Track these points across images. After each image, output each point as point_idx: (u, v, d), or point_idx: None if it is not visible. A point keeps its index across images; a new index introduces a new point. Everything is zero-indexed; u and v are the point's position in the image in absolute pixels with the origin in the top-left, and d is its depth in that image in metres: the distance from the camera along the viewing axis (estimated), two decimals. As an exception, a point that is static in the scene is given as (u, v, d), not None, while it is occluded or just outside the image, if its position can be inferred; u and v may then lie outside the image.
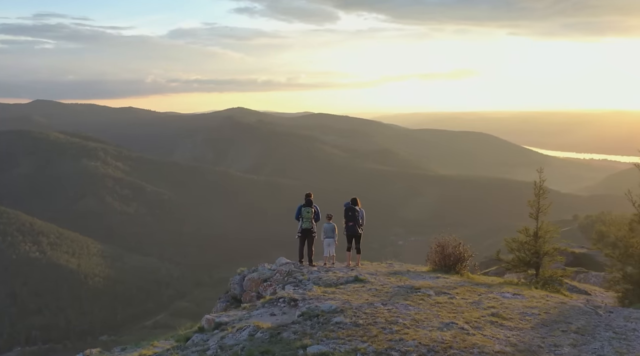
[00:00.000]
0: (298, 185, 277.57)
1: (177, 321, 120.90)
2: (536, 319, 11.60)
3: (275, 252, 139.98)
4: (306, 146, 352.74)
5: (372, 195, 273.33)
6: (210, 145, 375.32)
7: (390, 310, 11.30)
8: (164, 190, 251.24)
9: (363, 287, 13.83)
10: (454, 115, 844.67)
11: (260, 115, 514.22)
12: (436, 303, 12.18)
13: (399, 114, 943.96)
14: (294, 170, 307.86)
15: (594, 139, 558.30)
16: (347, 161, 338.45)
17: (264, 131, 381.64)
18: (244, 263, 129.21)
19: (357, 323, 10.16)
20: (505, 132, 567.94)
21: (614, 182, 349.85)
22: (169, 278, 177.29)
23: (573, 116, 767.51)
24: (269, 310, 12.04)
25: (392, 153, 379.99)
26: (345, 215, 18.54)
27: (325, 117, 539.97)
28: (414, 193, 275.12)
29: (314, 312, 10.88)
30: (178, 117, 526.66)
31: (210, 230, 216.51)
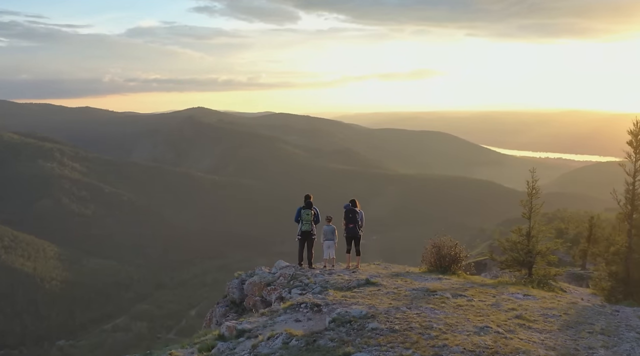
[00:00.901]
0: (260, 186, 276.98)
1: (138, 325, 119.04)
2: (559, 321, 11.42)
3: (238, 252, 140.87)
4: (268, 146, 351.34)
5: (333, 195, 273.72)
6: (170, 145, 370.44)
7: (419, 314, 10.95)
8: (123, 192, 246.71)
9: (379, 291, 13.48)
10: (413, 115, 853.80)
11: (221, 115, 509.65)
12: (458, 306, 11.91)
13: (360, 114, 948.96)
14: (256, 170, 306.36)
15: (550, 138, 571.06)
16: (308, 161, 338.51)
17: (226, 131, 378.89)
18: (206, 264, 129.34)
19: (393, 329, 9.82)
20: (464, 131, 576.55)
21: (569, 180, 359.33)
22: (128, 280, 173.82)
23: (529, 116, 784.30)
24: (292, 315, 11.57)
25: (353, 152, 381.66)
26: (346, 216, 18.31)
27: (287, 116, 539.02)
28: (375, 192, 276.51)
29: (345, 318, 10.46)
30: (137, 116, 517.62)
31: (171, 231, 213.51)
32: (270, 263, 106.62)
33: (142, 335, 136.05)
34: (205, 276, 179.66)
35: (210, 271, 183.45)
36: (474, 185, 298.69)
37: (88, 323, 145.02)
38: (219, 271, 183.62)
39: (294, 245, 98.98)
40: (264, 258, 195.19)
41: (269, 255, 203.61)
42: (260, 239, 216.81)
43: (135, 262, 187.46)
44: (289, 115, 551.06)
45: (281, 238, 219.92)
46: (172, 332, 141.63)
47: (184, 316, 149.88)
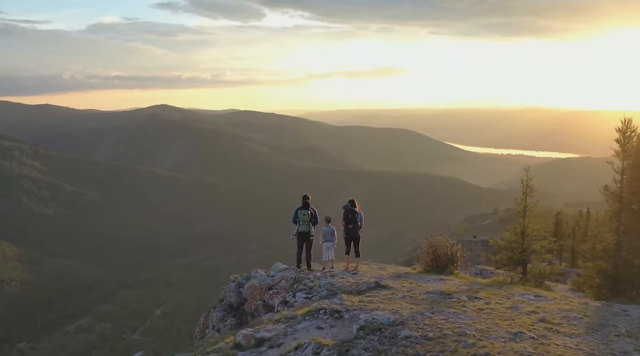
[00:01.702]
0: (225, 184, 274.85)
1: (102, 326, 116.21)
2: (582, 323, 11.16)
3: (203, 251, 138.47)
4: (232, 144, 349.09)
5: (299, 192, 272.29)
6: (133, 143, 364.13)
7: (446, 319, 10.47)
8: (85, 191, 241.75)
9: (394, 294, 12.99)
10: (378, 113, 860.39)
11: (185, 112, 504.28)
12: (480, 310, 11.53)
13: (325, 111, 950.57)
14: (221, 168, 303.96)
15: (511, 135, 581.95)
16: (273, 158, 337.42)
17: (189, 129, 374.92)
18: (171, 263, 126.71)
19: (427, 337, 9.31)
20: (428, 128, 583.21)
21: (530, 175, 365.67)
22: (91, 281, 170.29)
23: (491, 113, 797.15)
24: (313, 322, 11.00)
25: (319, 150, 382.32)
26: (345, 217, 17.81)
27: (252, 114, 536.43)
28: (340, 189, 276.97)
29: (373, 325, 9.93)
30: (98, 114, 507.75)
31: (135, 231, 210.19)
32: (236, 261, 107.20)
33: (106, 335, 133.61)
34: (170, 276, 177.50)
35: (175, 270, 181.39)
36: (438, 182, 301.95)
37: (49, 325, 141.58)
38: (184, 270, 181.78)
39: (260, 243, 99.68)
40: (230, 257, 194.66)
41: (235, 253, 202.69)
42: (225, 237, 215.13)
43: (97, 262, 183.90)
44: (254, 113, 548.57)
45: (247, 237, 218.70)
46: (137, 332, 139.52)
47: (149, 316, 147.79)
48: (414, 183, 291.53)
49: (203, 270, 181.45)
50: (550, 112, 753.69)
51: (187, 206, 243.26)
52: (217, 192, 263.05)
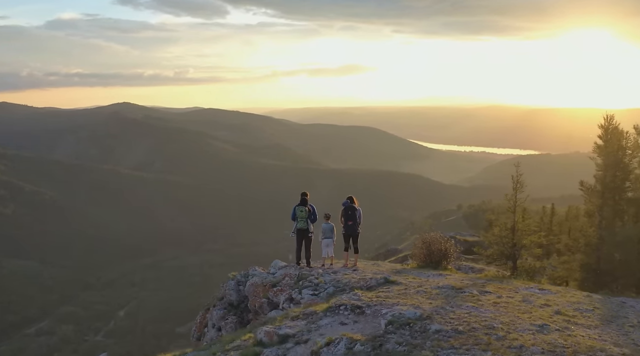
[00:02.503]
0: (189, 182, 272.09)
1: (63, 328, 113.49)
2: (595, 315, 11.23)
3: (167, 250, 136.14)
4: (197, 142, 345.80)
5: (265, 191, 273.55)
6: (94, 141, 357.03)
7: (469, 313, 10.37)
8: (45, 190, 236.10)
9: (407, 290, 12.85)
10: (343, 110, 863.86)
11: (148, 110, 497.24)
12: (495, 303, 11.48)
13: (290, 109, 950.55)
14: (185, 167, 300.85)
15: (474, 132, 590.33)
16: (239, 156, 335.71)
17: (152, 127, 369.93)
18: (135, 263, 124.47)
19: (458, 330, 9.20)
20: (392, 126, 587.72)
21: (492, 172, 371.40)
22: (52, 282, 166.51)
23: (454, 110, 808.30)
24: (335, 318, 10.78)
25: (284, 148, 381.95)
26: (345, 214, 17.78)
27: (216, 112, 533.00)
28: (306, 187, 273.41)
29: (401, 320, 9.78)
30: (58, 112, 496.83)
31: (97, 231, 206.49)
32: (201, 261, 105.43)
33: (68, 338, 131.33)
34: (134, 276, 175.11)
35: (139, 270, 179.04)
36: (402, 179, 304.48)
37: (9, 328, 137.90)
38: (148, 270, 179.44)
39: (226, 242, 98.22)
40: (195, 256, 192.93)
41: (201, 252, 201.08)
42: (190, 236, 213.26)
43: (59, 263, 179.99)
44: (218, 111, 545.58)
45: (212, 236, 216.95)
46: (100, 334, 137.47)
47: (113, 317, 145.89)
48: (379, 180, 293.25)
49: (168, 269, 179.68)
50: (512, 110, 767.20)
51: (151, 205, 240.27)
52: (181, 190, 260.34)
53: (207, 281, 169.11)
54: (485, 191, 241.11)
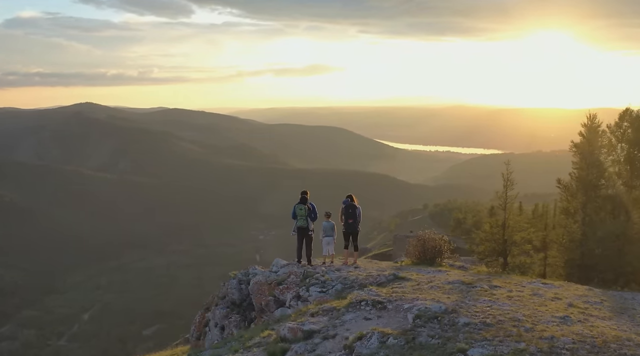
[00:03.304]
0: (155, 183, 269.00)
1: (25, 333, 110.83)
2: (605, 307, 11.51)
3: (133, 252, 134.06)
4: (162, 142, 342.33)
5: (231, 191, 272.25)
6: (57, 142, 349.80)
7: (490, 307, 10.54)
8: (5, 192, 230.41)
9: (419, 285, 12.98)
10: (309, 110, 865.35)
11: (112, 110, 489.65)
12: (509, 297, 11.65)
13: (256, 109, 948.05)
14: (150, 168, 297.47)
15: (439, 132, 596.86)
16: (204, 157, 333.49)
17: (117, 127, 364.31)
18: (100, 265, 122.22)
19: (486, 323, 9.35)
20: (358, 126, 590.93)
21: (457, 171, 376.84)
22: (13, 286, 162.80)
23: (420, 110, 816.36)
24: (358, 314, 10.85)
25: (250, 148, 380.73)
26: (345, 212, 17.94)
27: (181, 112, 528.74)
28: (273, 187, 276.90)
29: (427, 314, 9.91)
30: (18, 112, 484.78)
31: (61, 233, 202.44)
32: (167, 262, 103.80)
33: (30, 343, 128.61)
34: (99, 278, 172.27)
35: (104, 273, 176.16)
36: (369, 179, 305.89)
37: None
38: (114, 272, 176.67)
39: (192, 242, 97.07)
40: (161, 258, 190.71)
41: (166, 253, 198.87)
42: (156, 238, 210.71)
43: (20, 266, 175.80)
44: (183, 111, 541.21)
45: (178, 236, 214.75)
46: (63, 338, 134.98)
47: (77, 321, 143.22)
48: (346, 180, 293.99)
49: (133, 271, 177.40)
50: (476, 110, 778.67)
51: (116, 206, 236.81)
52: (147, 191, 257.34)
53: (174, 282, 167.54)
54: (450, 190, 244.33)
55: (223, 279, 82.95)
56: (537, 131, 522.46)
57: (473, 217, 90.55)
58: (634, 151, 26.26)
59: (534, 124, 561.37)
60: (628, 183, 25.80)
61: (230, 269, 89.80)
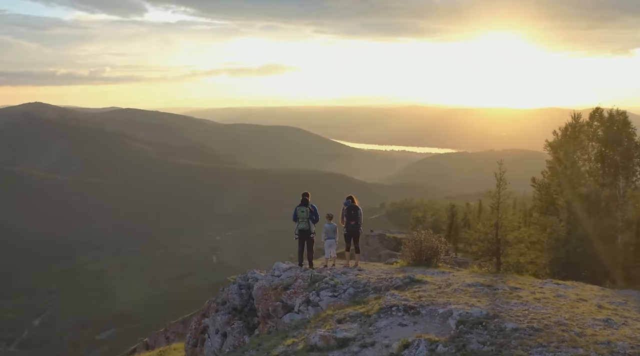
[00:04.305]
0: (108, 184, 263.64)
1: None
2: (631, 307, 11.39)
3: (86, 254, 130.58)
4: (115, 142, 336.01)
5: (187, 191, 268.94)
6: (5, 143, 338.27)
7: (528, 310, 10.19)
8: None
9: (440, 288, 12.61)
10: (265, 110, 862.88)
11: (62, 110, 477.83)
12: (536, 300, 11.34)
13: (212, 109, 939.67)
14: (103, 168, 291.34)
15: (394, 132, 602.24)
16: (159, 157, 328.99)
17: (68, 127, 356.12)
18: (51, 269, 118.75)
19: (534, 328, 9.00)
20: (315, 125, 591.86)
21: (412, 171, 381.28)
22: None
23: (375, 110, 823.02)
24: (391, 320, 10.39)
25: (206, 148, 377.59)
26: (347, 213, 17.53)
27: (135, 112, 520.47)
28: (229, 188, 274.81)
29: (470, 320, 9.49)
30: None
31: (9, 236, 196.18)
32: (120, 264, 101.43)
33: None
34: (51, 282, 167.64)
35: (56, 277, 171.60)
36: (326, 178, 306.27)
37: None
38: (66, 276, 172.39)
39: (147, 244, 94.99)
40: (115, 260, 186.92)
41: (120, 255, 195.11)
42: (110, 240, 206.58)
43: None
44: (137, 111, 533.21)
45: (132, 238, 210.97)
46: (13, 345, 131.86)
47: (27, 327, 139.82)
48: (303, 180, 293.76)
49: (87, 274, 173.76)
50: (430, 109, 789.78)
51: (68, 208, 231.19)
52: (99, 192, 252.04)
53: (128, 285, 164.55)
54: (405, 189, 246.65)
55: (179, 281, 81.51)
56: (489, 130, 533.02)
57: (432, 215, 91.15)
58: (605, 150, 26.84)
59: (486, 123, 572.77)
60: (600, 181, 26.36)
61: (185, 270, 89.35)
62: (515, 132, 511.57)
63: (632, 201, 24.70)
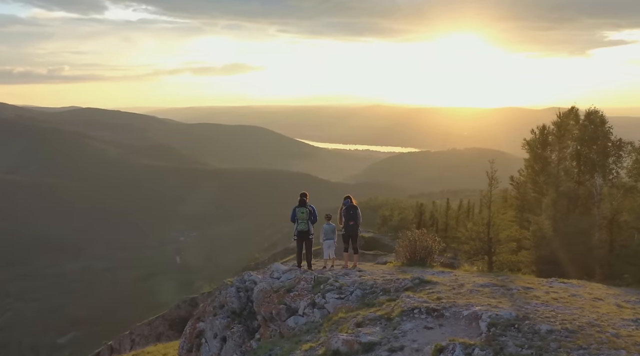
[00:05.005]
0: (67, 185, 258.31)
1: None
2: None
3: (44, 257, 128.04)
4: (74, 143, 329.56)
5: (149, 192, 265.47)
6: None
7: (555, 311, 9.99)
8: None
9: (454, 289, 12.36)
10: (229, 110, 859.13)
11: (19, 109, 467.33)
12: (555, 299, 11.20)
13: (175, 108, 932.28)
14: (62, 169, 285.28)
15: (358, 131, 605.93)
16: (120, 157, 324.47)
17: (25, 127, 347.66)
18: (8, 272, 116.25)
19: (570, 330, 8.86)
20: (279, 125, 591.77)
21: (375, 170, 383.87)
22: None
23: (339, 110, 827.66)
24: (415, 323, 10.14)
25: (169, 148, 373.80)
26: (346, 214, 17.26)
27: (95, 111, 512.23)
28: (193, 188, 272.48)
29: (501, 322, 9.31)
30: None
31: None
32: (81, 266, 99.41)
33: None
34: (8, 286, 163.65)
35: (14, 280, 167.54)
36: (290, 178, 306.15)
37: None
38: (24, 279, 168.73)
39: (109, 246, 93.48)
40: (75, 262, 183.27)
41: (81, 258, 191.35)
42: (69, 242, 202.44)
43: None
44: (98, 110, 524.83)
45: (93, 240, 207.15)
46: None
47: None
48: (267, 179, 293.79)
49: (47, 277, 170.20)
50: (393, 109, 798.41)
51: (26, 209, 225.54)
52: (59, 193, 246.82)
53: (89, 287, 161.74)
54: (369, 188, 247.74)
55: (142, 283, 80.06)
56: (452, 129, 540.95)
57: (399, 214, 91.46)
58: (581, 148, 27.13)
59: (449, 123, 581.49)
60: (576, 179, 26.63)
61: (148, 272, 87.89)
62: (476, 131, 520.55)
63: (608, 198, 25.01)
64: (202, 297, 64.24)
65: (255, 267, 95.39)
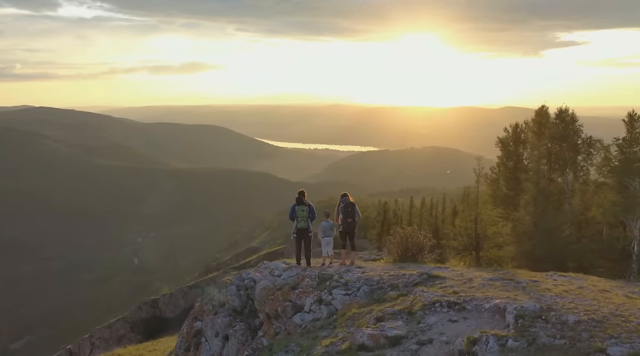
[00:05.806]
0: (18, 186, 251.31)
1: None
2: None
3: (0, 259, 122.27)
4: (26, 142, 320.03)
5: (105, 192, 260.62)
6: None
7: (573, 302, 10.16)
8: None
9: (465, 283, 12.40)
10: (187, 109, 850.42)
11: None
12: (565, 291, 11.33)
13: (131, 108, 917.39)
14: (13, 169, 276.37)
15: (318, 130, 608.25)
16: (74, 157, 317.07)
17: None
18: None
19: (596, 320, 9.03)
20: (238, 124, 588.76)
21: (335, 169, 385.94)
22: None
23: (299, 109, 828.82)
24: (439, 316, 10.28)
25: (125, 147, 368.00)
26: (345, 210, 17.44)
27: (48, 110, 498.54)
28: (151, 188, 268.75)
29: (527, 314, 9.44)
30: None
31: None
32: (36, 269, 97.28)
33: None
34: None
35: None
36: (250, 177, 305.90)
37: None
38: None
39: (64, 248, 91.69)
40: (30, 265, 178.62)
41: (35, 260, 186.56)
42: (23, 244, 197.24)
43: None
44: (50, 109, 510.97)
45: (47, 243, 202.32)
46: None
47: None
48: (227, 179, 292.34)
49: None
50: (353, 108, 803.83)
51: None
52: (10, 195, 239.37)
53: (44, 290, 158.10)
54: (330, 187, 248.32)
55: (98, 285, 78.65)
56: (410, 128, 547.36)
57: (362, 212, 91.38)
58: (552, 146, 27.69)
59: (407, 122, 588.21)
60: (547, 176, 27.22)
61: (105, 274, 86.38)
62: (433, 130, 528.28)
63: (579, 195, 25.66)
64: (163, 299, 63.29)
65: (217, 268, 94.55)
